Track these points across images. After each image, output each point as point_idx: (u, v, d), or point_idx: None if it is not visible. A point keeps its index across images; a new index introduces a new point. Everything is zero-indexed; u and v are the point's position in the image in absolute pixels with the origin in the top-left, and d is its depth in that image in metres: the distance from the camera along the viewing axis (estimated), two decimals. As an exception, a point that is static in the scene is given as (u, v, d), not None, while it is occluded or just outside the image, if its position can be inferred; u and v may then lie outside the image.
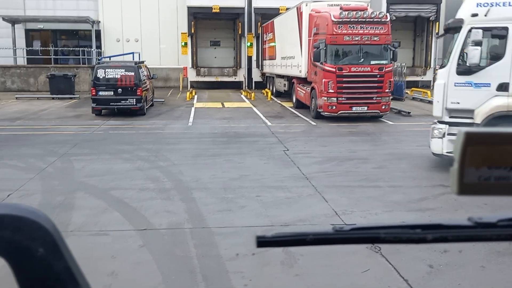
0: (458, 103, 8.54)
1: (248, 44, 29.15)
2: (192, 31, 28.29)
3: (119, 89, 16.18)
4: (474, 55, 8.13)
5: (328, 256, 4.99)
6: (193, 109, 19.02)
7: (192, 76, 28.73)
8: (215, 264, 4.97)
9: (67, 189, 7.73)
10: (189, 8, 27.72)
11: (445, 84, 8.58)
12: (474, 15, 8.23)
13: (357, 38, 14.84)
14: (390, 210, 6.79)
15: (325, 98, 15.04)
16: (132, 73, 16.38)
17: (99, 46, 29.71)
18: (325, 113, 15.25)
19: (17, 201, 7.02)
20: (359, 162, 9.66)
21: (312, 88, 16.20)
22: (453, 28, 8.88)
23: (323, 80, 15.03)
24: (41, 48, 29.75)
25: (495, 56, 8.46)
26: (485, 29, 8.13)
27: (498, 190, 0.72)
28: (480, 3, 8.23)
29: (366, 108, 15.13)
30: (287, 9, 23.21)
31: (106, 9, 29.74)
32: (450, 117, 8.67)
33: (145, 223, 6.19)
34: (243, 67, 29.40)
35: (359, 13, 14.77)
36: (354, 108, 15.09)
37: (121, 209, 6.76)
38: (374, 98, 15.06)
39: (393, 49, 15.20)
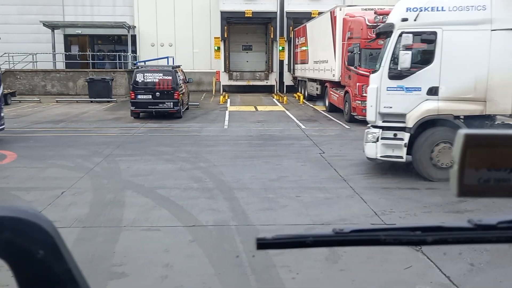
0: (391, 107, 8.55)
1: (280, 48, 29.46)
2: (225, 36, 28.79)
3: (157, 93, 16.70)
4: (405, 59, 8.17)
5: (371, 254, 5.19)
6: (227, 112, 19.41)
7: (224, 80, 29.21)
8: (263, 259, 5.23)
9: (115, 188, 8.15)
10: (222, 13, 28.23)
11: (377, 88, 8.58)
12: (404, 19, 8.25)
13: (391, 42, 14.91)
14: (428, 211, 6.94)
15: (359, 102, 15.18)
16: (170, 77, 16.87)
17: (134, 51, 30.51)
18: (359, 116, 15.36)
19: (71, 199, 7.47)
20: (395, 165, 9.78)
21: (346, 92, 16.36)
22: (384, 33, 8.94)
23: (357, 84, 15.18)
24: (79, 53, 30.75)
25: (425, 61, 8.46)
26: (415, 34, 8.15)
27: (498, 192, 0.72)
28: (410, 8, 8.25)
29: (400, 111, 15.18)
30: (319, 13, 23.43)
31: (141, 14, 30.55)
32: (383, 121, 8.67)
33: (192, 220, 6.52)
34: (275, 71, 29.71)
35: (394, 17, 14.86)
36: (388, 112, 15.15)
37: (169, 207, 7.12)
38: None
39: (428, 53, 15.21)
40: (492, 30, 8.06)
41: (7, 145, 11.90)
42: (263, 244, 0.81)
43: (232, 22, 29.17)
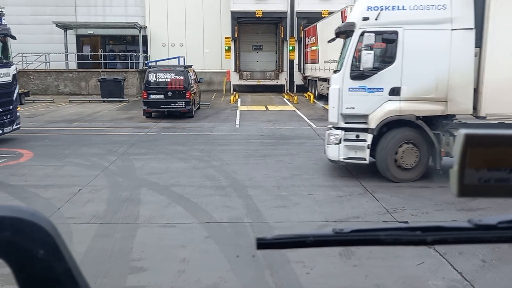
0: (353, 108, 8.37)
1: (290, 48, 29.54)
2: (236, 36, 28.95)
3: (169, 93, 16.88)
4: (368, 59, 8.00)
5: (383, 250, 5.28)
6: (238, 112, 19.54)
7: (235, 79, 29.37)
8: (277, 254, 5.34)
9: (131, 185, 8.30)
10: (232, 13, 28.39)
11: (339, 89, 8.38)
12: (365, 18, 8.11)
13: (402, 42, 14.93)
14: (440, 209, 7.00)
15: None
16: (182, 77, 17.04)
17: (145, 51, 30.75)
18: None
19: (88, 196, 7.63)
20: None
21: (357, 91, 16.40)
22: (344, 32, 8.73)
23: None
24: (91, 53, 31.07)
25: (387, 61, 8.31)
26: (376, 33, 7.98)
27: (498, 192, 0.71)
28: (371, 7, 8.12)
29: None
30: (329, 13, 23.49)
31: (152, 15, 30.78)
32: (346, 122, 8.46)
33: (207, 217, 6.65)
34: (285, 70, 29.81)
35: (405, 16, 14.88)
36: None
37: (184, 204, 7.25)
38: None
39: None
40: (452, 30, 8.00)
41: (24, 144, 12.12)
42: (263, 244, 0.80)
43: (242, 22, 29.31)
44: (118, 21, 29.90)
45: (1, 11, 12.48)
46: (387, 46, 8.27)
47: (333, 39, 9.85)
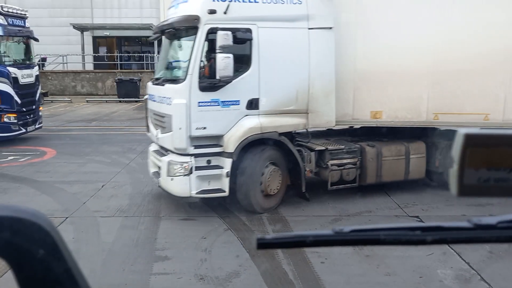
0: (205, 128, 6.59)
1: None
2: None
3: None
4: (227, 64, 6.23)
5: (395, 241, 5.55)
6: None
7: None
8: (293, 245, 5.63)
9: (152, 182, 8.59)
10: (246, 14, 28.69)
11: (186, 104, 6.49)
12: (212, 11, 6.45)
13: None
14: (451, 204, 7.23)
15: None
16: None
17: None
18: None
19: (111, 191, 8.00)
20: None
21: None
22: (175, 29, 7.02)
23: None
24: (107, 54, 31.65)
25: (242, 66, 6.69)
26: (232, 31, 6.39)
27: (497, 192, 0.71)
28: None
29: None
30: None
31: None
32: (196, 147, 6.65)
33: (226, 211, 6.97)
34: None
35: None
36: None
37: (203, 199, 7.55)
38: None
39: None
40: (309, 29, 6.92)
41: (46, 142, 12.56)
42: (263, 244, 0.80)
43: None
44: (134, 22, 30.38)
45: (25, 14, 12.95)
46: (240, 48, 6.65)
47: (156, 38, 8.16)
